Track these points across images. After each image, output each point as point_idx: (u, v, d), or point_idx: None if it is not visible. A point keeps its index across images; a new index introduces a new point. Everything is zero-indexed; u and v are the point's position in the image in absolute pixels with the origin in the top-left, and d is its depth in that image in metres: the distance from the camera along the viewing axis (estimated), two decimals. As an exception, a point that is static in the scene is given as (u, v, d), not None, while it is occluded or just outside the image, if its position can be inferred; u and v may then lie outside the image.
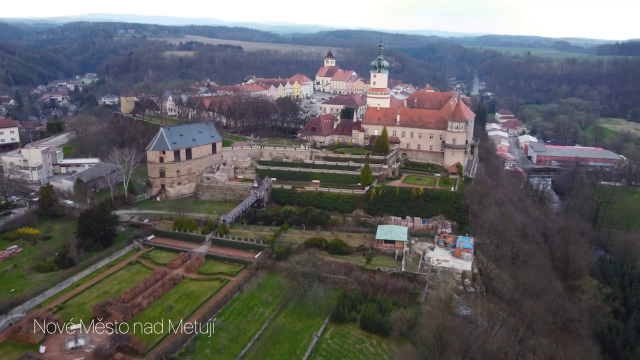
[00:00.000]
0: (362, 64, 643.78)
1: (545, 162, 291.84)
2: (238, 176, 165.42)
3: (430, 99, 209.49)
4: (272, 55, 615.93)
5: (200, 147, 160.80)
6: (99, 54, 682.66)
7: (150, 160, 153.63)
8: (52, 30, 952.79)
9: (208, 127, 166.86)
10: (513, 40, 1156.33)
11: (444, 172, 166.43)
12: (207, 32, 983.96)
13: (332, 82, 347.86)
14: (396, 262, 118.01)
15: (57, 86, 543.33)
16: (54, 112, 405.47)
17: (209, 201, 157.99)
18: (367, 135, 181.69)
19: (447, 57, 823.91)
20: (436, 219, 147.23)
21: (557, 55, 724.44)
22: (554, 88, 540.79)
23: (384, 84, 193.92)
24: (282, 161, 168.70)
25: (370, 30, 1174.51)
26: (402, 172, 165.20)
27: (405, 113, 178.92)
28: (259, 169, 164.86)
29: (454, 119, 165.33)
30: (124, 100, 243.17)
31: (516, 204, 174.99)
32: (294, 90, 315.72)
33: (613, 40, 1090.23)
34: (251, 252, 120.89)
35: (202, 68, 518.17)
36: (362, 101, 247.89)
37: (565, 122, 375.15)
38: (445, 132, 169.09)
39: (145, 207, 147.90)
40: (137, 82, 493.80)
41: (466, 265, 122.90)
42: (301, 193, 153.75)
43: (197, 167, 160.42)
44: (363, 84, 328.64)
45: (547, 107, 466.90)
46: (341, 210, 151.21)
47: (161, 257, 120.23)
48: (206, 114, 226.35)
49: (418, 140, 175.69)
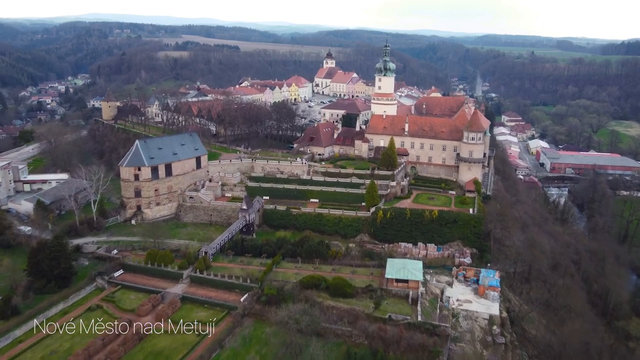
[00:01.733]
0: (362, 64, 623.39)
1: (559, 170, 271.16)
2: (226, 194, 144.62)
3: (440, 105, 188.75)
4: (270, 55, 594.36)
5: (182, 161, 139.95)
6: (92, 54, 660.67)
7: (124, 177, 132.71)
8: (47, 30, 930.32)
9: (192, 138, 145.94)
10: (514, 40, 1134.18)
11: (459, 189, 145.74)
12: (204, 32, 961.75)
13: (331, 84, 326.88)
14: (410, 306, 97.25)
15: (48, 87, 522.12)
16: (41, 115, 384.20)
17: (192, 223, 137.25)
18: (371, 146, 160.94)
19: (448, 57, 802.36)
20: (453, 245, 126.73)
21: (561, 55, 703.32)
22: (560, 89, 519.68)
23: (391, 89, 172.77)
24: (275, 177, 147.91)
25: (369, 30, 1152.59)
26: (412, 188, 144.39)
27: (415, 122, 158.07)
28: (249, 186, 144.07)
29: (471, 129, 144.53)
30: (105, 106, 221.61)
31: (539, 223, 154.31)
32: (291, 94, 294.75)
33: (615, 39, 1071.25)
34: (236, 294, 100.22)
35: (197, 69, 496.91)
36: (365, 106, 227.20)
37: (577, 126, 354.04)
38: (460, 144, 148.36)
39: (117, 233, 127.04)
40: (130, 83, 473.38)
41: (493, 307, 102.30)
42: (297, 215, 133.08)
43: (178, 184, 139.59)
44: (365, 87, 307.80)
45: (554, 109, 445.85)
46: (343, 235, 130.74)
47: (128, 300, 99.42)
48: (194, 121, 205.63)
49: (429, 152, 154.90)
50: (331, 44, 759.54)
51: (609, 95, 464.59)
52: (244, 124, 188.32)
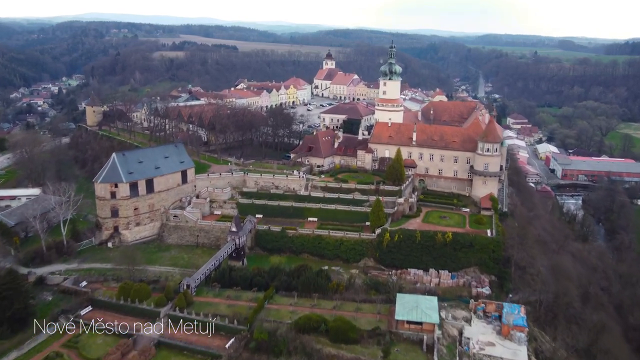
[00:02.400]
0: (363, 64, 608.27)
1: (571, 177, 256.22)
2: (215, 212, 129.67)
3: (449, 111, 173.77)
4: (268, 55, 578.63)
5: (165, 176, 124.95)
6: (88, 55, 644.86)
7: (99, 195, 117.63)
8: (44, 30, 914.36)
9: (177, 150, 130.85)
10: (515, 40, 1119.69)
11: (473, 205, 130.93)
12: (203, 31, 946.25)
13: (331, 86, 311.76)
14: (425, 354, 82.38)
15: (41, 89, 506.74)
16: (30, 118, 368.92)
17: (176, 245, 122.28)
18: (375, 157, 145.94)
19: (449, 57, 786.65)
20: (469, 272, 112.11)
21: (564, 55, 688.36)
22: (565, 90, 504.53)
23: (397, 94, 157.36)
24: (270, 192, 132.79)
25: (369, 30, 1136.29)
26: (421, 205, 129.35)
27: (423, 130, 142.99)
28: (240, 203, 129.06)
29: (487, 139, 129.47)
30: (89, 111, 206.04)
31: (560, 242, 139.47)
32: (289, 96, 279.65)
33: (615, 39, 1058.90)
34: (221, 337, 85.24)
35: (194, 70, 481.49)
36: (367, 110, 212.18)
37: (586, 129, 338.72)
38: (474, 155, 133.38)
39: (91, 259, 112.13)
40: (124, 84, 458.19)
41: (520, 351, 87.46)
42: (294, 237, 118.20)
43: (161, 202, 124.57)
44: (366, 89, 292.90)
45: (561, 111, 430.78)
46: (345, 260, 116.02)
47: (94, 346, 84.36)
48: (184, 127, 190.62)
49: (439, 164, 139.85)
50: (331, 43, 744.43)
51: (617, 96, 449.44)
52: (237, 131, 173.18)
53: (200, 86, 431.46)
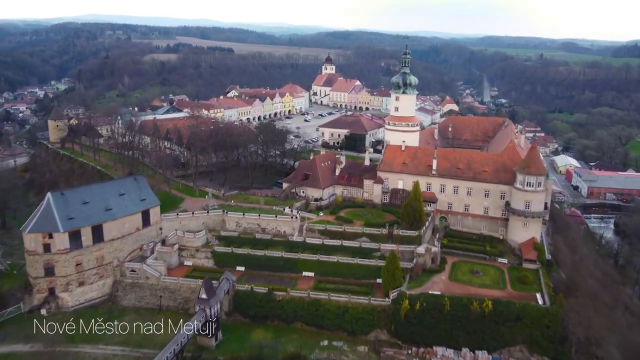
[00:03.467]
0: (364, 68, 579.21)
1: (598, 195, 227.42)
2: (185, 262, 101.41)
3: (471, 128, 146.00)
4: (265, 58, 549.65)
5: (120, 220, 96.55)
6: (79, 57, 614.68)
7: (29, 249, 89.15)
8: (37, 32, 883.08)
9: (136, 184, 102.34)
10: (516, 42, 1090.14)
11: (510, 254, 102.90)
12: (199, 33, 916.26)
13: (331, 93, 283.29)
14: None
15: (27, 93, 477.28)
16: (8, 126, 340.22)
17: (133, 309, 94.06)
18: (386, 188, 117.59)
19: (452, 60, 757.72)
20: (514, 352, 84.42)
21: (570, 58, 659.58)
22: (576, 95, 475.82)
23: (412, 110, 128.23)
24: (254, 236, 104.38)
25: (369, 32, 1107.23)
26: (445, 252, 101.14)
27: (446, 156, 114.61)
28: (217, 252, 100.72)
29: (528, 170, 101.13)
30: (51, 125, 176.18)
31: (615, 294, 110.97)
32: (284, 105, 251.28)
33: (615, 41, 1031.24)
34: None
35: (186, 73, 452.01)
36: (373, 124, 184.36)
37: (606, 139, 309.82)
38: (510, 190, 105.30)
39: (13, 336, 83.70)
40: (112, 89, 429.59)
41: None
42: (283, 301, 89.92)
43: (114, 253, 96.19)
44: (369, 96, 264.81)
45: (574, 118, 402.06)
46: (350, 332, 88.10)
47: None
48: (162, 145, 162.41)
49: (466, 198, 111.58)
50: (330, 45, 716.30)
51: (633, 102, 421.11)
52: (219, 151, 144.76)
53: (193, 91, 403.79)
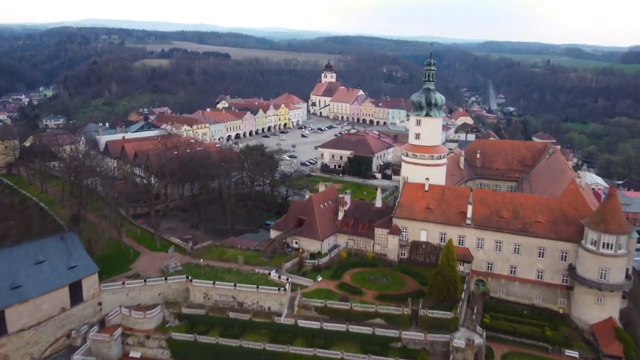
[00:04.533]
0: (365, 74, 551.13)
1: (634, 221, 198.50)
2: (132, 353, 72.43)
3: (504, 154, 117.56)
4: (263, 64, 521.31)
5: (34, 301, 67.62)
6: (70, 62, 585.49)
7: None
8: (31, 36, 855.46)
9: (64, 247, 73.30)
10: (518, 47, 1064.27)
11: (579, 340, 74.10)
12: (197, 37, 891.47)
13: (332, 103, 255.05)
14: None
15: (11, 100, 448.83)
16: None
17: None
18: (404, 240, 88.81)
19: (455, 66, 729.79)
20: None
21: (577, 64, 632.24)
22: (589, 103, 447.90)
23: (438, 138, 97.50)
24: (228, 316, 75.44)
25: (369, 37, 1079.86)
26: (489, 335, 72.26)
27: (484, 199, 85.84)
28: (175, 339, 71.72)
29: (606, 227, 72.43)
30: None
31: None
32: (280, 117, 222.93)
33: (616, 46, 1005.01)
34: None
35: (178, 80, 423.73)
36: (380, 144, 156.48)
37: (629, 152, 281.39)
38: (575, 249, 76.81)
39: None
40: (99, 97, 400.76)
41: None
42: None
43: (25, 348, 67.17)
44: (373, 108, 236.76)
45: (591, 128, 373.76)
46: None
47: None
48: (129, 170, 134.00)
49: (512, 257, 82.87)
50: (330, 50, 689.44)
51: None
52: (196, 182, 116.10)
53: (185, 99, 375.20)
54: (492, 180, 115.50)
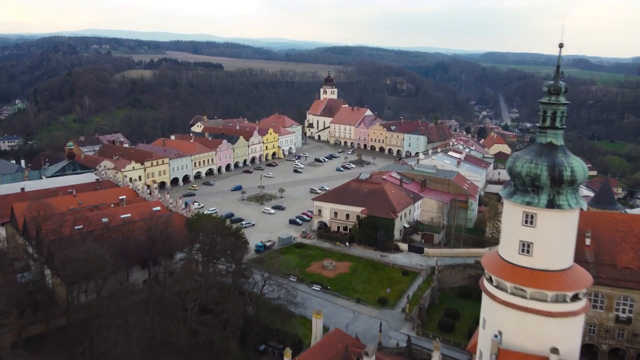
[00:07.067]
0: (367, 86, 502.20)
1: None
2: None
3: (630, 240, 66.39)
4: (257, 75, 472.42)
5: None
6: (51, 73, 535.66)
7: None
8: (18, 46, 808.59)
9: None
10: (522, 58, 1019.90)
11: None
12: (192, 48, 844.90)
13: (332, 125, 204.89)
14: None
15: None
16: None
17: None
18: None
19: (461, 77, 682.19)
20: None
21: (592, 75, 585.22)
22: (616, 120, 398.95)
23: (569, 256, 44.68)
24: None
25: (370, 47, 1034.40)
26: None
27: None
28: None
29: None
30: None
31: None
32: (266, 146, 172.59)
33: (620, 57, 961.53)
34: None
35: (162, 93, 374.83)
36: (404, 198, 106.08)
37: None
38: None
39: None
40: (70, 112, 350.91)
41: None
42: None
43: None
44: (385, 132, 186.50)
45: (625, 149, 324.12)
46: None
47: None
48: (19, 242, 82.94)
49: None
50: (330, 61, 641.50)
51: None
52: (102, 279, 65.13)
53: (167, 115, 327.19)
54: (618, 289, 64.61)
